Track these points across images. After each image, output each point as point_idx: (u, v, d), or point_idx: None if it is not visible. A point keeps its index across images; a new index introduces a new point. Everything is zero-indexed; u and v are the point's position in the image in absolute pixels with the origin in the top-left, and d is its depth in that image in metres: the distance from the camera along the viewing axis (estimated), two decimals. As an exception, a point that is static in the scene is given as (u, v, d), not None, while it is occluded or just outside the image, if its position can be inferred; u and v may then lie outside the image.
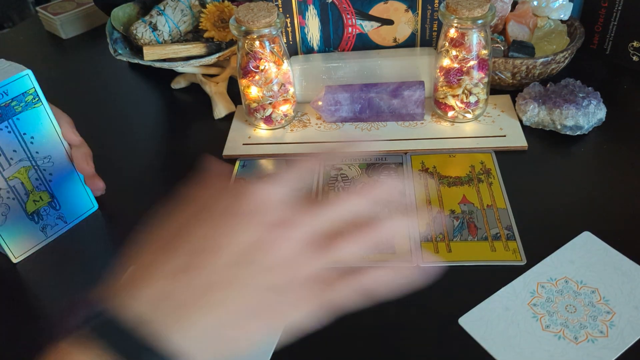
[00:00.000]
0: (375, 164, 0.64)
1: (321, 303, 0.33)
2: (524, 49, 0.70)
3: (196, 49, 0.74)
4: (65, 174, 0.57)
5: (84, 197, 0.60)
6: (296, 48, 0.74)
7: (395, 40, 0.73)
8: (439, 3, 0.69)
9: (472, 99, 0.66)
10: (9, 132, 0.51)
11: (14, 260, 0.56)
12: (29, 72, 0.51)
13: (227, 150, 0.68)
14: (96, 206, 0.61)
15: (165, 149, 0.72)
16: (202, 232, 0.33)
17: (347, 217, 0.35)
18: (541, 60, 0.69)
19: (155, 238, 0.34)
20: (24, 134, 0.52)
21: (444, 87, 0.67)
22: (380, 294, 0.35)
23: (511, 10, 0.75)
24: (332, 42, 0.73)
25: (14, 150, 0.52)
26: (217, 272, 0.31)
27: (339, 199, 0.35)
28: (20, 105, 0.51)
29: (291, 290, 0.33)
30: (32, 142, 0.53)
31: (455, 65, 0.64)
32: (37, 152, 0.54)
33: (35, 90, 0.52)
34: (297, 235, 0.33)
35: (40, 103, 0.53)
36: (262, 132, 0.70)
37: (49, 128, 0.54)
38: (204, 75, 0.77)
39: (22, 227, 0.55)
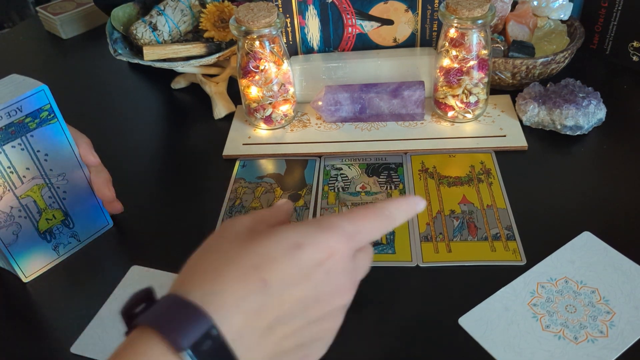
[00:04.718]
0: (375, 164, 0.64)
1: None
2: (524, 49, 0.70)
3: (196, 49, 0.75)
4: (80, 192, 0.55)
5: (99, 215, 0.58)
6: (296, 48, 0.74)
7: (395, 40, 0.73)
8: (439, 3, 0.69)
9: (472, 99, 0.66)
10: (22, 149, 0.49)
11: (25, 280, 0.54)
12: (45, 87, 0.49)
13: (227, 150, 0.68)
14: (111, 223, 0.59)
15: (165, 149, 0.72)
16: (298, 295, 0.34)
17: None
18: (541, 60, 0.69)
19: None
20: (38, 151, 0.50)
21: (444, 87, 0.67)
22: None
23: (511, 10, 0.75)
24: (332, 42, 0.73)
25: (27, 168, 0.50)
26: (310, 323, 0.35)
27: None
28: (35, 122, 0.49)
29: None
30: (46, 160, 0.51)
31: (455, 65, 0.64)
32: (51, 170, 0.52)
33: (51, 105, 0.50)
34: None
35: (56, 119, 0.50)
36: (262, 132, 0.70)
37: (64, 145, 0.52)
38: (204, 75, 0.77)
39: (34, 246, 0.54)
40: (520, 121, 0.68)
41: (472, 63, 0.64)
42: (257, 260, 0.33)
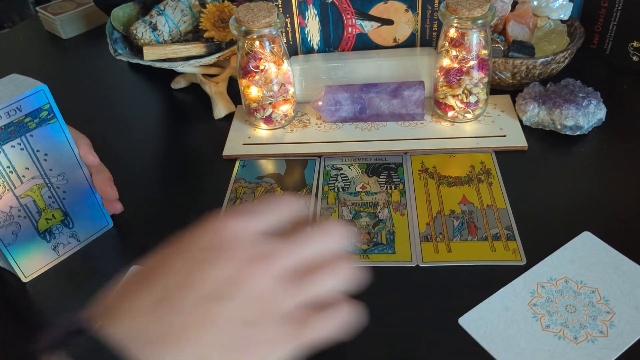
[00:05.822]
0: (375, 164, 0.64)
1: (298, 340, 0.33)
2: (524, 49, 0.70)
3: (196, 49, 0.74)
4: (80, 192, 0.55)
5: (99, 215, 0.58)
6: (296, 48, 0.74)
7: (395, 40, 0.73)
8: (439, 3, 0.69)
9: (472, 99, 0.66)
10: (22, 149, 0.49)
11: (24, 280, 0.54)
12: (44, 87, 0.49)
13: (227, 150, 0.68)
14: (111, 223, 0.59)
15: (165, 149, 0.72)
16: (178, 266, 0.33)
17: (322, 252, 0.35)
18: (541, 60, 0.69)
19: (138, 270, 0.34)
20: (38, 151, 0.50)
21: (444, 87, 0.67)
22: (355, 328, 0.35)
23: (511, 10, 0.75)
24: (332, 42, 0.73)
25: (27, 168, 0.50)
26: (191, 308, 0.31)
27: (313, 235, 0.35)
28: (35, 122, 0.49)
29: (267, 326, 0.32)
30: (45, 160, 0.51)
31: (455, 65, 0.64)
32: (50, 170, 0.52)
33: (50, 105, 0.50)
34: (273, 271, 0.33)
35: (55, 119, 0.50)
36: (262, 132, 0.70)
37: (64, 144, 0.52)
38: (204, 75, 0.77)
39: (33, 245, 0.53)
40: (520, 121, 0.68)
41: (472, 63, 0.64)
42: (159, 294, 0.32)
